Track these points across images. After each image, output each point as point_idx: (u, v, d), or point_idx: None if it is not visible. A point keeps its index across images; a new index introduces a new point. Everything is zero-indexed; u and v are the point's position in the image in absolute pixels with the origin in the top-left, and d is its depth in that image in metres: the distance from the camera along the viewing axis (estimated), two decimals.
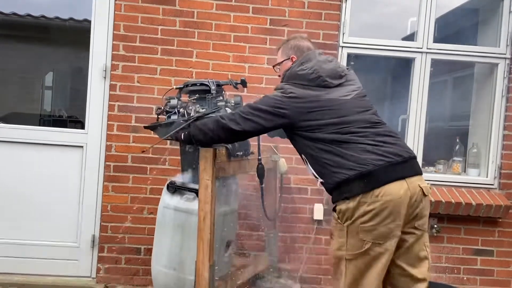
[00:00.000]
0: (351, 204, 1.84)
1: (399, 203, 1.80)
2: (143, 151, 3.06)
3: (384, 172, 1.81)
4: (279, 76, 2.28)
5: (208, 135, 2.09)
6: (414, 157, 1.97)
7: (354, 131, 1.91)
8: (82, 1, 3.61)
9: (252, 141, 2.58)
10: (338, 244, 1.92)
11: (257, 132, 2.11)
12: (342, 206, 1.88)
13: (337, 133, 1.90)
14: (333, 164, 1.88)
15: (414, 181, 1.87)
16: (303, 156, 2.06)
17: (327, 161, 1.90)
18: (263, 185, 2.59)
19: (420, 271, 1.92)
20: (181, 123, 2.29)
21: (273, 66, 2.36)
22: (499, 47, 3.33)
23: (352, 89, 2.06)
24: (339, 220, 1.90)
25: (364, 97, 2.10)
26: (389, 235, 1.81)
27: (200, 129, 2.13)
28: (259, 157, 2.54)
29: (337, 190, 1.90)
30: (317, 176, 2.00)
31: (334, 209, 1.94)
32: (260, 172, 2.53)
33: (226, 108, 2.32)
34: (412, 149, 3.30)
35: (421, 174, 1.95)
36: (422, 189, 1.88)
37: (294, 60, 2.19)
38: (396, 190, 1.80)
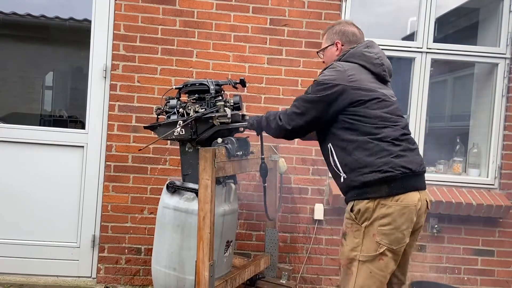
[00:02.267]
0: (370, 204, 1.85)
1: (413, 211, 1.86)
2: (140, 150, 3.06)
3: (408, 181, 1.86)
4: (323, 62, 2.26)
5: (273, 132, 2.17)
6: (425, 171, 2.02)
7: (392, 132, 1.90)
8: (82, 1, 3.61)
9: (253, 141, 2.58)
10: (352, 244, 1.89)
11: (316, 124, 2.02)
12: (361, 205, 1.87)
13: (380, 127, 1.88)
14: (363, 163, 1.86)
15: (424, 194, 1.95)
16: (330, 146, 1.99)
17: (358, 158, 1.87)
18: (266, 184, 2.59)
19: (405, 277, 2.07)
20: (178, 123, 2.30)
21: (317, 52, 2.32)
22: (499, 47, 3.32)
23: (393, 93, 2.09)
24: (356, 220, 1.88)
25: (399, 107, 2.11)
26: (402, 241, 1.86)
27: (268, 124, 2.17)
28: (262, 156, 2.54)
29: (360, 189, 1.88)
30: (341, 171, 1.94)
31: (351, 209, 1.90)
32: (263, 171, 2.53)
33: (225, 108, 2.32)
34: None
35: (426, 188, 2.01)
36: (427, 202, 1.99)
37: (338, 45, 2.15)
38: (413, 198, 1.86)
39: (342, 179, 1.94)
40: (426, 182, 3.24)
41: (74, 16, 4.16)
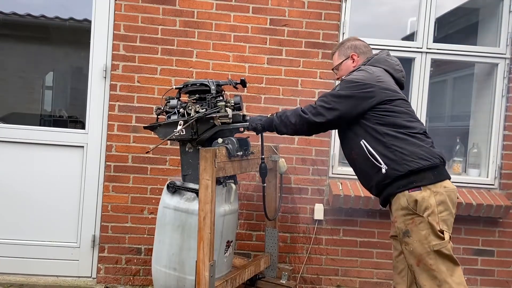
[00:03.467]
0: (424, 193, 1.90)
1: (455, 195, 1.99)
2: (147, 152, 3.06)
3: (444, 169, 2.01)
4: (338, 79, 2.39)
5: (290, 128, 2.18)
6: None
7: (421, 126, 2.06)
8: (82, 1, 3.61)
9: (253, 141, 2.58)
10: (420, 238, 1.89)
11: (341, 121, 2.09)
12: (415, 196, 1.90)
13: (410, 121, 2.01)
14: (406, 152, 1.93)
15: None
16: (364, 142, 2.03)
17: (399, 149, 1.94)
18: (265, 184, 2.59)
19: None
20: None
21: (333, 69, 2.44)
22: (499, 47, 3.33)
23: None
24: (417, 212, 1.90)
25: None
26: (452, 224, 1.96)
27: (282, 121, 2.18)
28: (262, 156, 2.54)
29: (406, 178, 1.92)
30: (381, 162, 1.97)
31: (407, 202, 1.92)
32: (263, 171, 2.54)
33: (226, 108, 2.32)
34: None
35: None
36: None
37: (355, 57, 2.30)
38: (452, 185, 1.99)
39: (384, 171, 1.96)
40: None
41: (74, 16, 4.16)
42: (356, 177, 3.28)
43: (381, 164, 1.97)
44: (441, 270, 1.87)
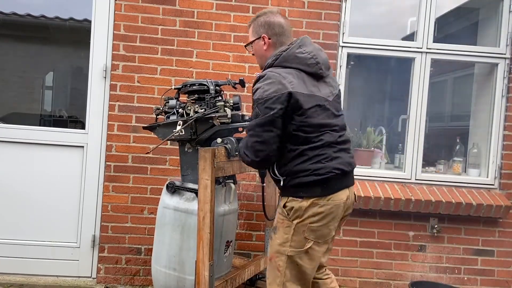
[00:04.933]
0: (304, 203, 1.91)
1: (342, 207, 1.96)
2: (147, 153, 3.06)
3: (340, 181, 1.95)
4: (253, 54, 2.20)
5: (253, 167, 2.12)
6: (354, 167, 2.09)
7: (330, 138, 1.94)
8: (82, 1, 3.61)
9: None
10: (282, 239, 1.95)
11: (277, 141, 1.93)
12: (293, 203, 1.93)
13: (317, 137, 1.91)
14: (302, 168, 1.91)
15: (351, 189, 2.05)
16: None
17: (297, 165, 1.91)
18: (264, 184, 2.59)
19: (325, 261, 2.12)
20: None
21: (245, 46, 2.24)
22: (499, 47, 3.32)
23: (332, 89, 2.07)
24: (287, 217, 1.94)
25: (339, 99, 2.13)
26: (328, 235, 1.97)
27: (242, 156, 2.02)
28: None
29: (295, 188, 1.93)
30: (278, 175, 1.98)
31: (284, 205, 1.96)
32: (263, 171, 2.53)
33: (225, 108, 2.32)
34: (412, 149, 3.34)
35: (354, 184, 2.10)
36: (355, 196, 2.11)
37: (265, 39, 2.08)
38: (342, 196, 1.96)
39: (281, 183, 1.98)
40: (427, 182, 3.30)
41: (74, 16, 4.15)
42: (356, 177, 3.29)
43: (279, 177, 1.98)
44: (286, 275, 1.93)
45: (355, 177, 3.06)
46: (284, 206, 1.96)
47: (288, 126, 1.91)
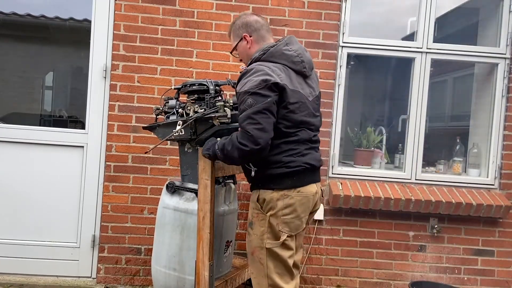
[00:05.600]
0: (275, 194, 1.97)
1: (311, 200, 2.04)
2: (146, 152, 3.07)
3: (308, 175, 2.03)
4: (241, 60, 2.26)
5: (244, 161, 2.01)
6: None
7: (305, 135, 2.02)
8: (82, 1, 3.61)
9: None
10: (259, 232, 2.00)
11: (273, 128, 1.92)
12: (265, 195, 1.99)
13: (294, 133, 1.98)
14: (274, 160, 1.96)
15: (319, 185, 2.13)
16: None
17: (270, 157, 1.96)
18: None
19: (298, 259, 2.17)
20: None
21: (231, 53, 2.26)
22: (499, 47, 3.32)
23: (312, 90, 2.13)
24: (261, 210, 1.99)
25: (318, 100, 2.18)
26: (300, 227, 2.05)
27: (227, 156, 1.97)
28: None
29: (266, 180, 1.98)
30: (251, 166, 2.01)
31: (257, 199, 2.00)
32: None
33: (225, 108, 2.31)
34: (412, 149, 3.34)
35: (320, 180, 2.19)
36: (322, 191, 2.21)
37: (247, 38, 2.14)
38: (311, 189, 2.04)
39: (252, 173, 2.01)
40: (427, 182, 3.32)
41: (74, 16, 4.15)
42: (356, 177, 3.32)
43: (251, 167, 2.01)
44: (269, 267, 1.99)
45: (355, 177, 3.16)
46: (257, 200, 2.01)
47: None
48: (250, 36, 2.14)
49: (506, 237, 3.30)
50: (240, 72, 2.09)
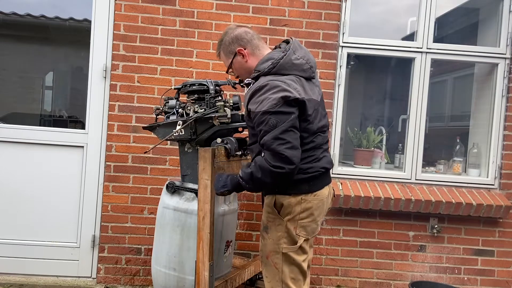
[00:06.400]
0: (292, 200, 1.94)
1: (325, 202, 2.05)
2: (145, 152, 3.07)
3: (323, 179, 2.03)
4: (237, 77, 2.16)
5: (271, 186, 1.91)
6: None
7: (320, 140, 2.01)
8: (82, 1, 3.61)
9: None
10: (275, 237, 1.98)
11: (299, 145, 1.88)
12: (282, 200, 1.95)
13: (312, 140, 1.95)
14: None
15: (331, 186, 2.13)
16: (258, 149, 1.91)
17: None
18: None
19: (310, 258, 2.12)
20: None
21: (227, 72, 2.17)
22: (499, 47, 3.32)
23: (318, 89, 2.09)
24: (279, 214, 1.96)
25: (323, 97, 2.13)
26: (316, 230, 2.05)
27: (256, 184, 1.88)
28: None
29: (282, 185, 1.94)
30: None
31: (274, 204, 1.97)
32: None
33: (225, 108, 2.32)
34: (412, 149, 3.34)
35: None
36: (333, 191, 2.21)
37: (242, 51, 2.03)
38: (325, 192, 2.04)
39: None
40: (427, 182, 3.32)
41: (74, 16, 4.16)
42: (356, 177, 3.31)
43: None
44: (284, 271, 1.97)
45: (355, 177, 3.17)
46: (274, 205, 1.98)
47: None
48: (245, 49, 2.04)
49: (506, 237, 3.30)
50: (245, 84, 2.03)
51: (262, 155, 1.85)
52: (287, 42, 2.08)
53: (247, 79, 2.03)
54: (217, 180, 2.05)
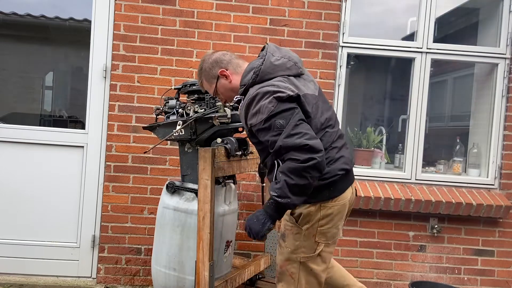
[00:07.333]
0: (312, 208, 1.85)
1: (347, 205, 1.93)
2: (145, 152, 3.07)
3: (345, 181, 1.91)
4: (225, 102, 2.12)
5: (311, 185, 1.74)
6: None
7: (329, 137, 1.88)
8: (82, 1, 3.61)
9: None
10: (293, 246, 1.89)
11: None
12: (301, 209, 1.85)
13: (320, 140, 1.77)
14: None
15: (353, 185, 2.00)
16: (278, 161, 1.81)
17: None
18: (264, 184, 2.59)
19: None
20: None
21: (213, 97, 2.11)
22: (499, 47, 3.32)
23: (313, 84, 1.99)
24: (297, 223, 1.88)
25: (321, 91, 2.02)
26: (337, 235, 1.94)
27: (291, 192, 1.71)
28: None
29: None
30: None
31: (292, 212, 1.88)
32: (262, 171, 2.53)
33: (225, 108, 2.32)
34: (412, 149, 3.34)
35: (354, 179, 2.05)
36: (356, 191, 2.06)
37: (224, 73, 1.99)
38: (347, 195, 1.92)
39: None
40: (427, 182, 3.31)
41: (74, 16, 4.15)
42: (356, 177, 3.30)
43: None
44: (300, 282, 1.89)
45: (355, 177, 3.08)
46: (292, 213, 1.89)
47: None
48: (227, 70, 2.00)
49: (506, 237, 3.30)
50: (236, 103, 1.98)
51: (280, 163, 1.75)
52: (264, 48, 2.01)
53: (236, 97, 1.98)
54: (252, 223, 1.86)
